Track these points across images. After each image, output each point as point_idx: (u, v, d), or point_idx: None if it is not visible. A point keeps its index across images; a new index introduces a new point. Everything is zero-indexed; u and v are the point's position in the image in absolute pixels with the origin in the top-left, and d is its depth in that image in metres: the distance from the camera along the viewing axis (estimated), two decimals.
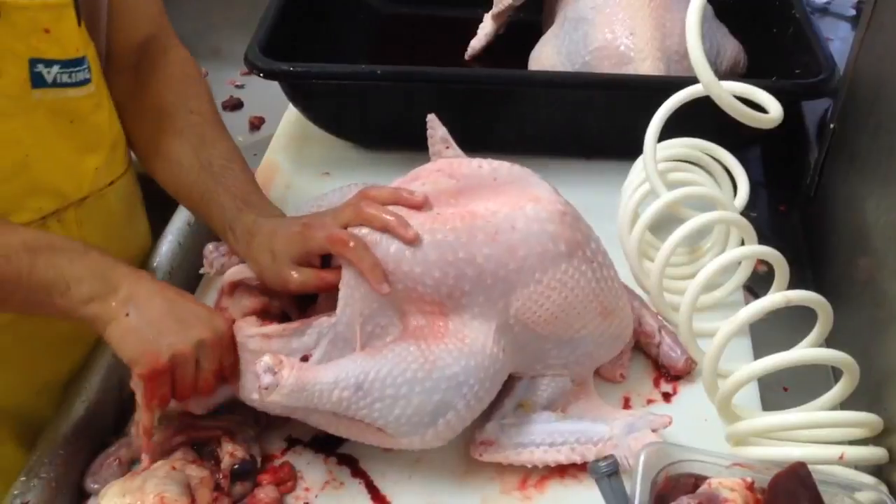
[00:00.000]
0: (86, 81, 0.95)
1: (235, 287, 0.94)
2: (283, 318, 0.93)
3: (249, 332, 0.88)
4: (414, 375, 0.84)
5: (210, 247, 1.02)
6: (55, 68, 0.91)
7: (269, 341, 0.87)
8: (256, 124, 1.56)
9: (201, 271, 1.04)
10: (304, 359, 0.88)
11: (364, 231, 0.87)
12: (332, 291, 0.88)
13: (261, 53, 1.24)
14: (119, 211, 1.06)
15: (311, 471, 0.92)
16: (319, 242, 0.88)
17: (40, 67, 0.90)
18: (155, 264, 1.10)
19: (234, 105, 1.62)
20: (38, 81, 0.91)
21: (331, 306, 0.89)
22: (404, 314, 0.88)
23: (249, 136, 1.54)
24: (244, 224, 0.94)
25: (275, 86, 1.29)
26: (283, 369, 0.82)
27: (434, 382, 0.84)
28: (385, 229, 0.86)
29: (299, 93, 1.31)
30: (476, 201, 0.89)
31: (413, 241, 0.86)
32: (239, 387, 0.89)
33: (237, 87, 1.66)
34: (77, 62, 0.94)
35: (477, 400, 0.86)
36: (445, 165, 0.96)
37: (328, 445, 0.94)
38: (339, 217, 0.89)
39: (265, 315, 0.93)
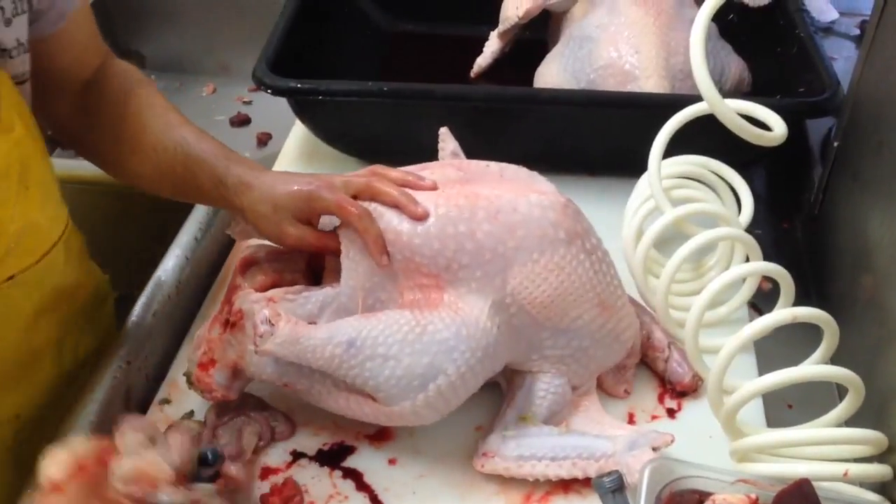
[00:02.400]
0: None
1: (249, 265, 0.96)
2: None
3: (254, 297, 0.90)
4: (405, 337, 0.86)
5: None
6: None
7: (274, 306, 0.89)
8: (263, 140, 1.57)
9: (227, 231, 1.05)
10: None
11: (373, 205, 0.90)
12: (328, 255, 0.91)
13: (269, 70, 1.25)
14: (26, 306, 0.94)
15: (316, 485, 0.92)
16: (326, 204, 0.90)
17: None
18: (162, 279, 1.10)
19: (242, 121, 1.63)
20: None
21: (335, 279, 0.92)
22: (402, 289, 0.90)
23: (257, 152, 1.55)
24: (237, 175, 0.94)
25: (282, 102, 1.29)
26: (280, 321, 0.85)
27: (424, 345, 0.86)
28: (394, 205, 0.89)
29: (307, 109, 1.32)
30: (481, 188, 0.92)
31: (421, 219, 0.89)
32: (241, 359, 0.90)
33: (245, 103, 1.67)
34: None
35: (468, 368, 0.87)
36: (454, 161, 1.00)
37: (333, 459, 0.94)
38: (350, 186, 0.91)
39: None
